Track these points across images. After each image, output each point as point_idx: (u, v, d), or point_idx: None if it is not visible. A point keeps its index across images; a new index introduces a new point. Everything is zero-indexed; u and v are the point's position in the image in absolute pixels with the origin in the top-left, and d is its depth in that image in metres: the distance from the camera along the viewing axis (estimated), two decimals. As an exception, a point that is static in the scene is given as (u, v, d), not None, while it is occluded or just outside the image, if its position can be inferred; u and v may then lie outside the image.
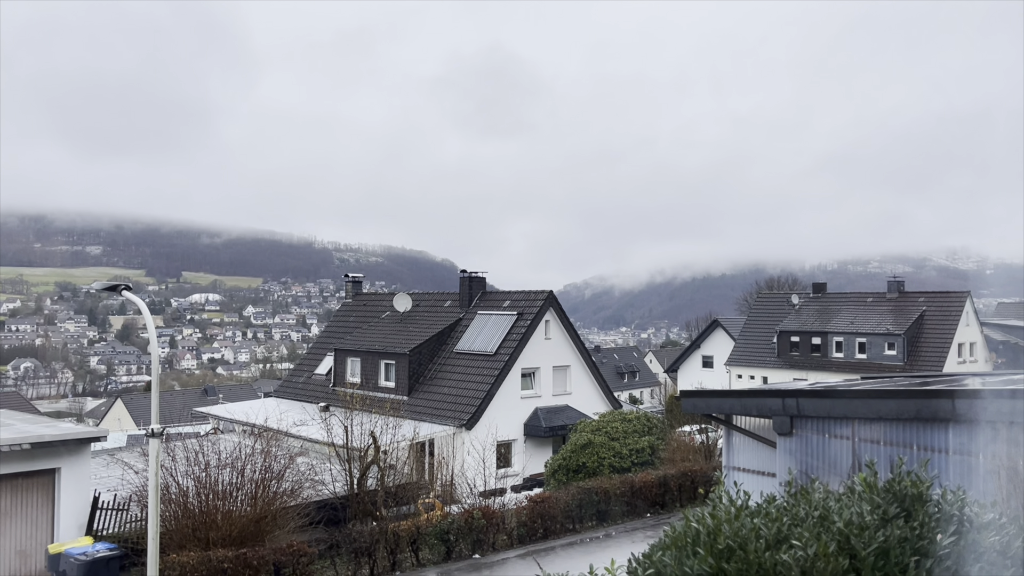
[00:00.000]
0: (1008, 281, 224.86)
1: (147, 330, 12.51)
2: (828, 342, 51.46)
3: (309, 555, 16.46)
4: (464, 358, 33.02)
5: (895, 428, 10.17)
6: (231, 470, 17.03)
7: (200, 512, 16.49)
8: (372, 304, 41.23)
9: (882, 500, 6.06)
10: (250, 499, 17.02)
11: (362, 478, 21.02)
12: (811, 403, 11.45)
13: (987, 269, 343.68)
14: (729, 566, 5.75)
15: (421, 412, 30.92)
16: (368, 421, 22.17)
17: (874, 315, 51.06)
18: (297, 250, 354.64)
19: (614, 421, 27.58)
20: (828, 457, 11.14)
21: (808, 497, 6.65)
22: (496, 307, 34.59)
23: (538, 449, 31.84)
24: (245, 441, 18.22)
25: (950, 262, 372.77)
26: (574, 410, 32.99)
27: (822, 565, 5.37)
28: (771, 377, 51.89)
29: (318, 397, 35.60)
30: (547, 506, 20.80)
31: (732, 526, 6.14)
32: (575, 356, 34.50)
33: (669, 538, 6.69)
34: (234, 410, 35.91)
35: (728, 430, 14.10)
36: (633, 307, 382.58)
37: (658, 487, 23.40)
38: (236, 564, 15.24)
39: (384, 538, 17.97)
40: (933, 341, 48.12)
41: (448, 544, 18.90)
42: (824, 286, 59.28)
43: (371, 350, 34.78)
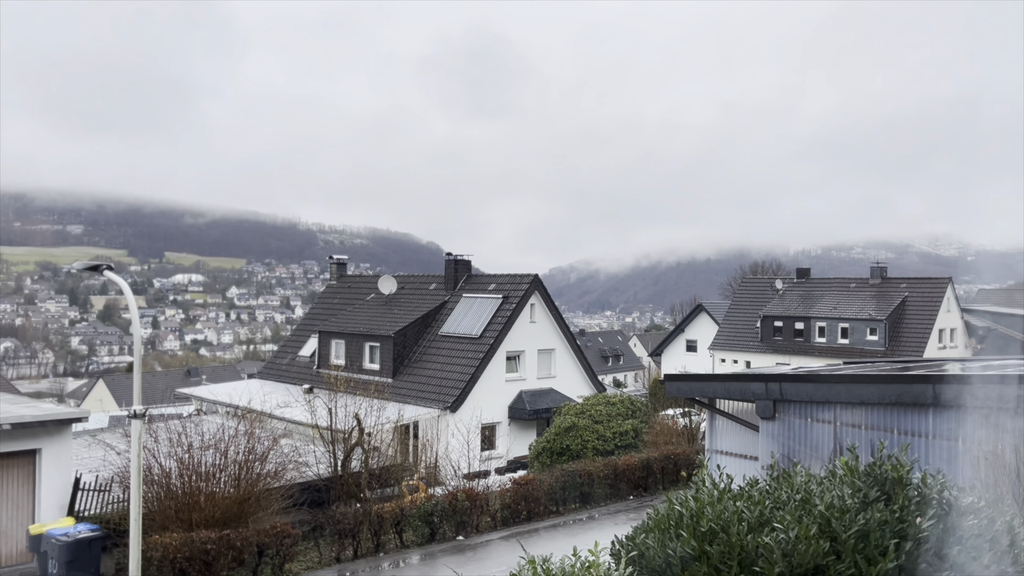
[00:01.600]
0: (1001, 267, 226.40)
1: (129, 311, 12.39)
2: (811, 327, 51.83)
3: (293, 536, 16.47)
4: (449, 341, 33.01)
5: (876, 413, 10.27)
6: (214, 451, 16.98)
7: (183, 493, 16.44)
8: (357, 286, 41.08)
9: (863, 484, 6.12)
10: (233, 480, 16.98)
11: (346, 460, 21.01)
12: (794, 388, 11.53)
13: (968, 256, 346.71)
14: (712, 548, 5.79)
15: (406, 395, 30.92)
16: (352, 403, 22.14)
17: (857, 300, 51.45)
18: (281, 231, 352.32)
19: (598, 404, 27.70)
20: (810, 441, 11.24)
21: (790, 481, 6.70)
22: (481, 290, 34.56)
23: (522, 432, 31.95)
24: (228, 423, 18.16)
25: (932, 248, 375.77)
26: (558, 393, 33.11)
27: (803, 548, 5.42)
28: (754, 361, 52.24)
29: (302, 379, 35.50)
30: (531, 488, 20.89)
31: (715, 509, 6.19)
32: (560, 340, 34.57)
33: (652, 521, 6.73)
34: (217, 391, 35.77)
35: (711, 414, 14.19)
36: (618, 291, 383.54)
37: (641, 470, 23.55)
38: (219, 545, 15.22)
39: (368, 520, 18.00)
40: (914, 327, 48.58)
41: (432, 526, 18.97)
42: (808, 271, 59.62)
43: (356, 332, 34.69)
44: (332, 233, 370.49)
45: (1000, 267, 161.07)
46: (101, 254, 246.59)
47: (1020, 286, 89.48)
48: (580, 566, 5.60)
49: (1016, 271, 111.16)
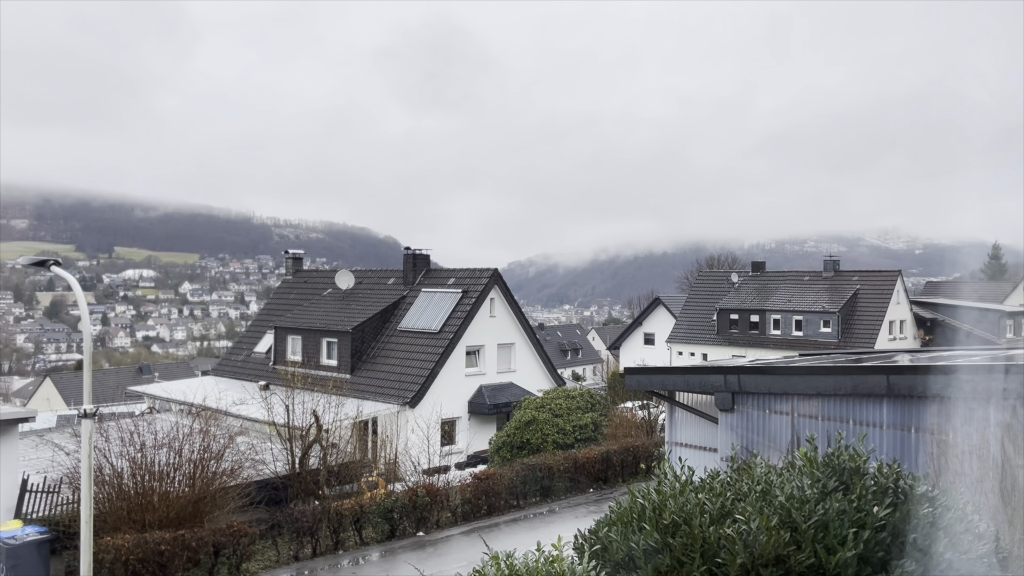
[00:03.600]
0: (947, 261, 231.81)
1: (78, 307, 12.05)
2: (766, 320, 52.65)
3: (250, 535, 16.21)
4: (408, 336, 32.80)
5: (833, 403, 10.44)
6: (168, 450, 16.62)
7: (136, 494, 16.06)
8: (313, 281, 40.59)
9: (821, 474, 6.20)
10: (188, 480, 16.65)
11: (304, 457, 20.76)
12: (752, 379, 11.67)
13: (917, 249, 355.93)
14: (674, 541, 5.81)
15: (364, 390, 30.66)
16: (310, 400, 21.87)
17: (810, 293, 52.39)
18: (235, 225, 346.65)
19: (558, 398, 27.78)
20: (768, 432, 11.39)
21: (751, 472, 6.76)
22: (441, 285, 34.41)
23: (482, 426, 31.92)
24: (183, 421, 17.79)
25: (882, 242, 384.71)
26: (518, 387, 33.13)
27: (764, 538, 5.46)
28: (711, 354, 52.91)
29: (258, 376, 34.99)
30: (491, 483, 20.87)
31: (677, 501, 6.21)
32: (519, 334, 34.59)
33: (615, 514, 6.73)
34: (171, 389, 35.07)
35: (671, 406, 14.30)
36: (576, 285, 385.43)
37: (601, 463, 23.68)
38: (174, 546, 14.91)
39: (327, 517, 17.81)
40: (866, 319, 49.65)
41: (392, 522, 18.84)
42: (763, 265, 60.53)
43: (312, 328, 34.28)
44: (287, 227, 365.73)
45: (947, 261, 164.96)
46: (47, 249, 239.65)
47: (966, 279, 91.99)
48: (544, 561, 5.57)
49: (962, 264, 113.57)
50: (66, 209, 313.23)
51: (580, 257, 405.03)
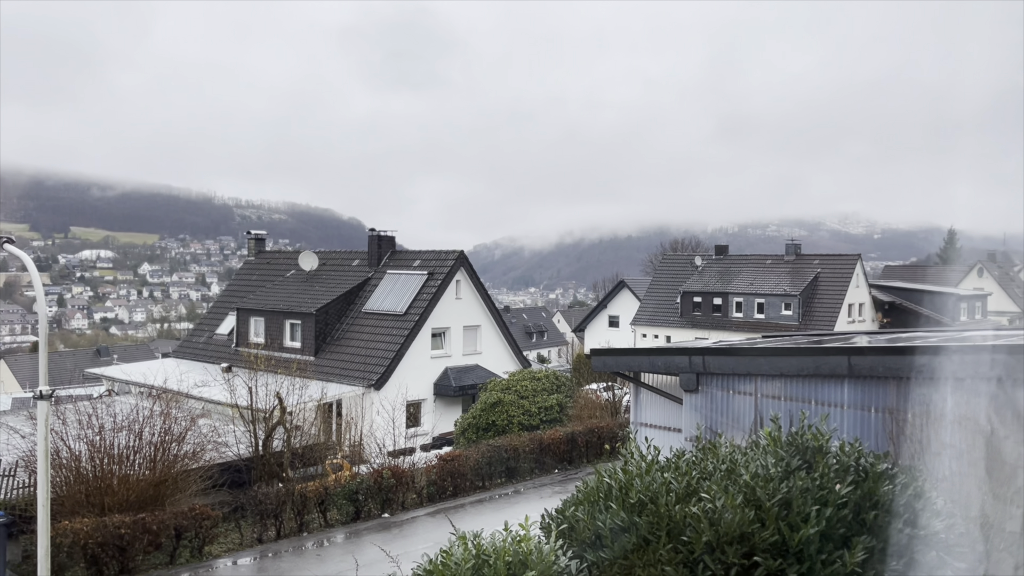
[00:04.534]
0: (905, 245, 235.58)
1: (33, 287, 11.74)
2: (729, 302, 53.28)
3: (212, 518, 16.04)
4: (373, 318, 32.60)
5: (795, 384, 10.60)
6: (128, 433, 16.35)
7: (94, 477, 15.79)
8: (276, 262, 40.10)
9: (785, 453, 6.28)
10: (149, 462, 16.41)
11: (267, 439, 20.57)
12: (717, 361, 11.80)
13: (875, 234, 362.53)
14: (641, 519, 5.85)
15: (329, 373, 30.44)
16: (273, 382, 21.65)
17: (772, 277, 53.10)
18: (196, 206, 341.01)
19: (523, 380, 27.85)
20: (732, 413, 11.53)
21: (716, 452, 6.83)
22: (406, 267, 34.21)
23: (448, 408, 31.91)
24: (143, 403, 17.49)
25: (842, 226, 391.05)
26: (484, 369, 33.15)
27: (730, 516, 5.52)
28: (674, 336, 53.44)
29: (220, 358, 34.55)
30: (457, 464, 20.89)
31: (643, 481, 6.26)
32: (485, 316, 34.56)
33: (582, 493, 6.77)
34: (130, 371, 34.47)
35: (636, 387, 14.41)
36: (542, 268, 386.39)
37: (566, 444, 23.82)
38: (134, 529, 14.70)
39: (291, 499, 17.69)
40: (826, 302, 50.49)
41: (357, 504, 18.77)
42: (726, 248, 61.15)
43: (276, 309, 33.90)
44: (249, 208, 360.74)
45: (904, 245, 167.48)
46: (0, 228, 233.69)
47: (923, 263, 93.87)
48: (511, 540, 5.58)
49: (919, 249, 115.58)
50: (19, 188, 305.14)
51: (546, 240, 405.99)
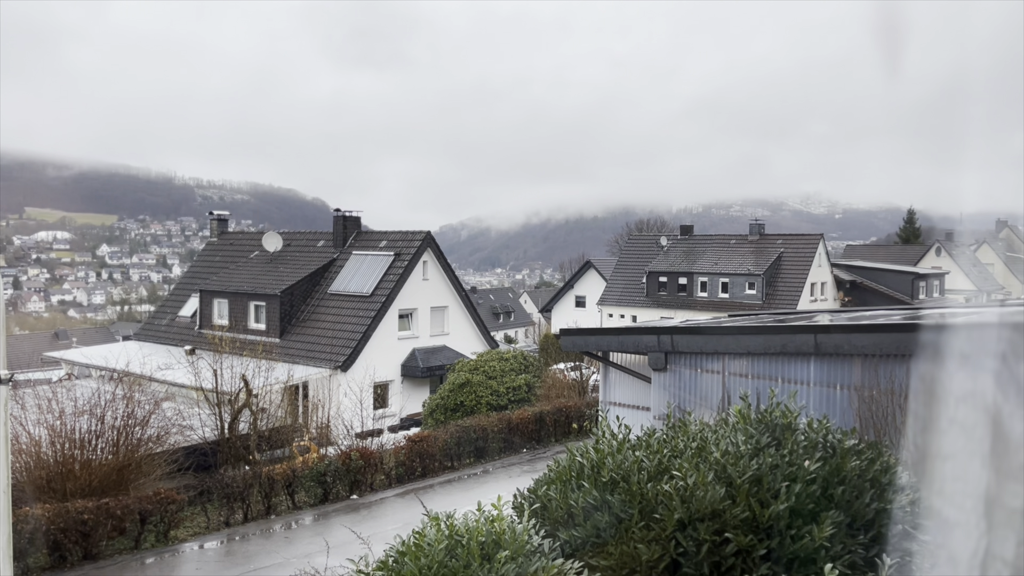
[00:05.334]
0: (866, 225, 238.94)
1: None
2: (694, 282, 53.75)
3: (178, 502, 15.86)
4: (339, 299, 32.33)
5: (762, 362, 10.72)
6: (89, 417, 16.06)
7: (55, 462, 15.50)
8: (240, 243, 39.51)
9: (755, 430, 6.34)
10: (112, 447, 16.15)
11: (233, 422, 20.36)
12: (685, 339, 11.89)
13: (837, 214, 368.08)
14: (613, 497, 5.87)
15: (295, 354, 30.17)
16: (239, 364, 21.40)
17: (736, 256, 53.65)
18: (156, 186, 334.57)
19: (491, 360, 27.87)
20: (700, 391, 11.65)
21: (686, 429, 6.88)
22: (372, 248, 33.93)
23: (416, 389, 31.85)
24: (105, 387, 17.18)
25: (804, 206, 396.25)
26: (452, 350, 33.10)
27: (701, 493, 5.56)
28: (640, 316, 53.83)
29: (183, 340, 34.04)
30: (425, 445, 20.88)
31: (615, 459, 6.27)
32: (453, 297, 34.47)
33: (554, 472, 6.77)
34: (91, 354, 33.84)
35: (605, 366, 14.48)
36: (509, 248, 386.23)
37: (534, 423, 23.92)
38: (98, 515, 14.48)
39: (258, 482, 17.55)
40: (789, 281, 51.17)
41: (325, 486, 18.69)
42: (691, 228, 61.61)
43: (240, 291, 33.45)
44: (211, 188, 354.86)
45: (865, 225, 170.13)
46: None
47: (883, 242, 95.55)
48: (484, 520, 5.56)
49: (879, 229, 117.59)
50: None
51: (512, 221, 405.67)
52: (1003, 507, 1.07)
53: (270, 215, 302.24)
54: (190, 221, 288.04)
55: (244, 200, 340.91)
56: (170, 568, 14.76)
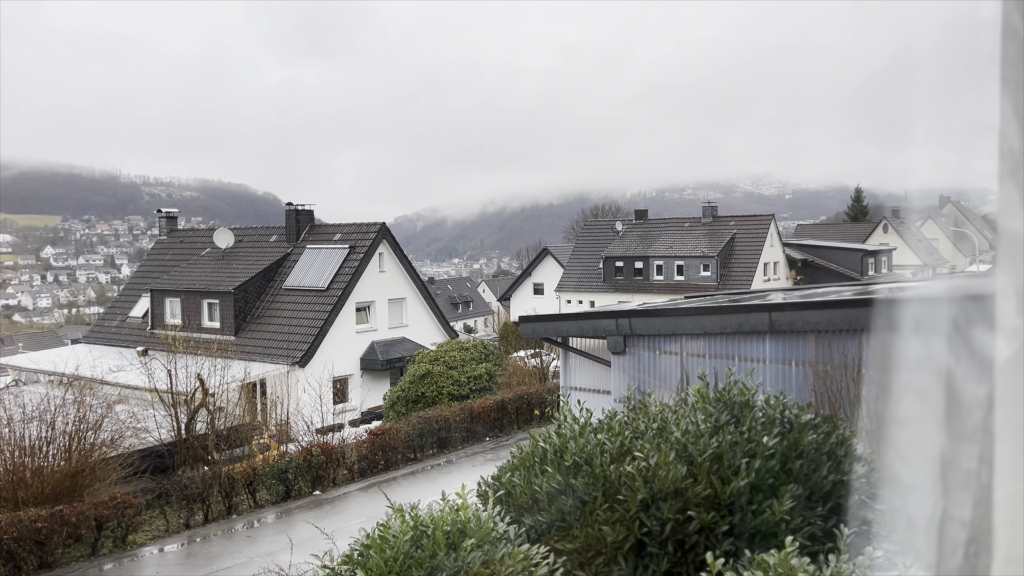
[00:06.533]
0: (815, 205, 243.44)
1: (-75, 274, 11.00)
2: (650, 266, 54.25)
3: (135, 506, 15.57)
4: (294, 294, 31.93)
5: (719, 342, 10.87)
6: (39, 423, 15.64)
7: (5, 470, 15.10)
8: (190, 241, 38.75)
9: (714, 409, 6.42)
10: (64, 453, 15.77)
11: (190, 423, 20.02)
12: (643, 322, 11.99)
13: (787, 194, 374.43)
14: (577, 481, 5.90)
15: (251, 352, 29.73)
16: (193, 363, 21.03)
17: (690, 239, 54.27)
18: (100, 185, 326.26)
19: (451, 350, 27.81)
20: (659, 372, 11.76)
21: (647, 411, 6.94)
22: (326, 241, 33.55)
23: (376, 382, 31.65)
24: (54, 392, 16.75)
25: (755, 188, 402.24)
26: (411, 342, 32.94)
27: (663, 473, 5.62)
28: (598, 301, 54.16)
29: (135, 341, 33.31)
30: (387, 438, 20.79)
31: (578, 443, 6.30)
32: (410, 288, 34.28)
33: (517, 459, 6.78)
34: (38, 359, 32.92)
35: (565, 352, 14.54)
36: (465, 238, 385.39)
37: (496, 412, 23.97)
38: (52, 523, 14.13)
39: (218, 482, 17.30)
40: (742, 261, 51.94)
41: (287, 483, 18.50)
42: (645, 213, 62.10)
43: (192, 289, 32.83)
44: (159, 186, 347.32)
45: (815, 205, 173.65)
46: None
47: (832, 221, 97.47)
48: (449, 509, 5.55)
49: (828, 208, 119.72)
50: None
51: (468, 210, 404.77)
52: (958, 469, 1.08)
53: (220, 211, 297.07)
54: (138, 220, 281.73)
55: (193, 197, 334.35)
56: (129, 573, 14.49)
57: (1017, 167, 1.00)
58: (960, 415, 1.02)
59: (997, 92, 1.00)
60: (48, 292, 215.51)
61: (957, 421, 1.02)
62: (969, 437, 1.03)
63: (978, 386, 1.04)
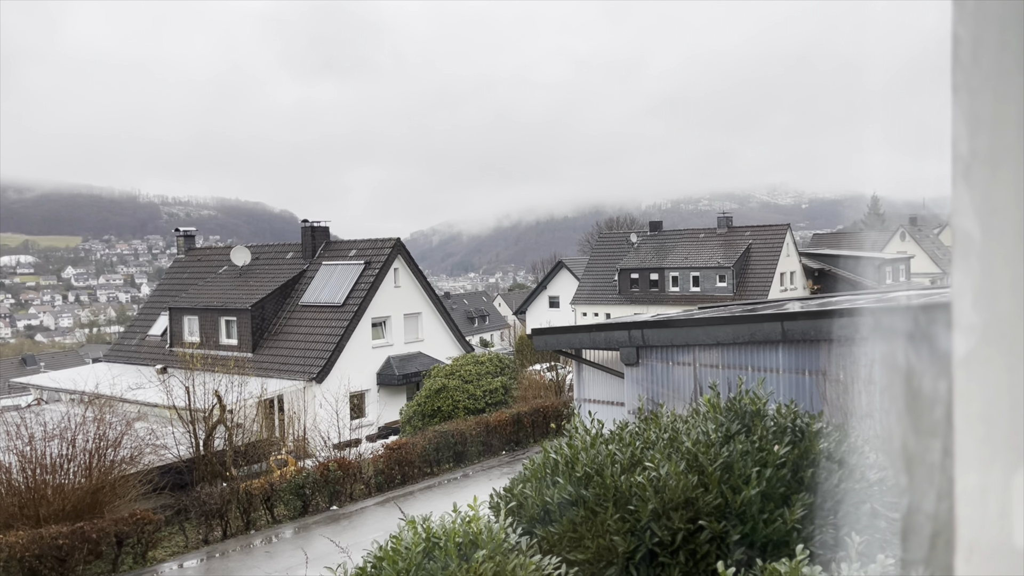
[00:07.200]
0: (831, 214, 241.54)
1: (-53, 295, 11.20)
2: (665, 277, 54.12)
3: (155, 523, 15.68)
4: (311, 310, 32.13)
5: (732, 352, 10.85)
6: (60, 441, 15.82)
7: (27, 488, 15.26)
8: (208, 259, 39.12)
9: (725, 418, 6.42)
10: (84, 470, 15.92)
11: (208, 439, 20.16)
12: (655, 333, 11.99)
13: (803, 204, 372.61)
14: (588, 492, 5.92)
15: (268, 368, 29.92)
16: (211, 380, 21.19)
17: (706, 250, 54.10)
18: (120, 205, 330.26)
19: (467, 364, 27.85)
20: (672, 383, 11.74)
21: (658, 421, 6.95)
22: (342, 257, 33.76)
23: (392, 397, 31.73)
24: (75, 410, 16.94)
25: (771, 198, 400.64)
26: (427, 356, 33.03)
27: (674, 483, 5.63)
28: (614, 313, 54.06)
29: (154, 359, 33.62)
30: (404, 452, 20.82)
31: (589, 454, 6.32)
32: (426, 303, 34.40)
33: (529, 470, 6.81)
34: (60, 378, 33.31)
35: (578, 364, 14.55)
36: (480, 252, 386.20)
37: (512, 425, 23.96)
38: (73, 539, 14.27)
39: (236, 498, 17.39)
40: (758, 272, 51.70)
41: (304, 499, 18.57)
42: (660, 224, 62.00)
43: (210, 307, 33.11)
44: (176, 205, 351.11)
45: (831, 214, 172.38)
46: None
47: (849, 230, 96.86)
48: (461, 521, 5.58)
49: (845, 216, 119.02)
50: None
51: (483, 224, 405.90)
52: (921, 462, 1.12)
53: (238, 229, 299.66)
54: (157, 239, 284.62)
55: (211, 215, 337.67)
56: (149, 589, 14.58)
57: (967, 170, 1.04)
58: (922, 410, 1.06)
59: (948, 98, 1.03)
60: (69, 312, 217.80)
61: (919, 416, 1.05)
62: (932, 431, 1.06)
63: (937, 381, 1.08)
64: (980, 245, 1.00)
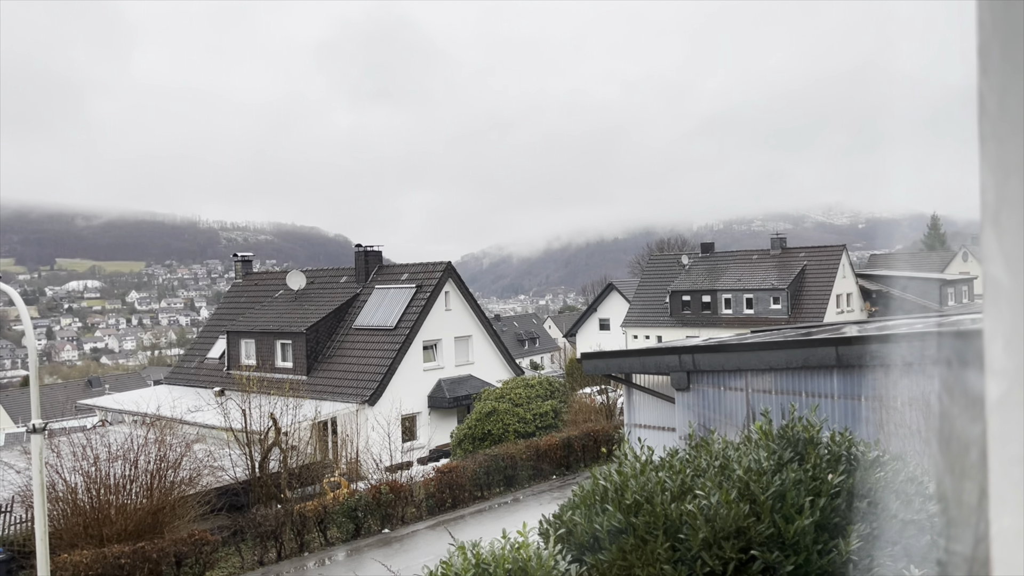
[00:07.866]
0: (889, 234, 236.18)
1: (21, 321, 11.68)
2: (717, 299, 53.44)
3: (212, 543, 15.98)
4: (363, 333, 32.55)
5: (785, 377, 10.67)
6: (123, 462, 16.28)
7: (91, 508, 15.71)
8: (264, 283, 40.00)
9: (777, 446, 6.33)
10: (145, 491, 16.34)
11: (264, 461, 20.51)
12: (706, 358, 11.86)
13: (860, 224, 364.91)
14: (637, 520, 5.88)
15: (322, 391, 30.36)
16: (267, 403, 21.60)
17: (759, 271, 53.32)
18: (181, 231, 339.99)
19: (517, 388, 27.86)
20: (724, 409, 11.59)
21: (709, 448, 6.87)
22: (394, 281, 34.19)
23: (443, 420, 31.88)
24: (137, 431, 17.43)
25: (826, 218, 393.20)
26: (477, 379, 33.13)
27: (725, 512, 5.56)
28: (665, 335, 53.53)
29: (212, 382, 34.39)
30: (455, 476, 20.87)
31: (638, 481, 6.29)
32: (476, 326, 34.57)
33: (578, 497, 6.79)
34: (123, 400, 34.28)
35: (628, 389, 14.45)
36: (531, 274, 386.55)
37: (562, 449, 23.84)
38: (134, 559, 14.63)
39: (290, 520, 17.64)
40: (814, 293, 50.72)
41: (356, 521, 18.73)
42: (712, 246, 61.35)
43: (266, 330, 33.80)
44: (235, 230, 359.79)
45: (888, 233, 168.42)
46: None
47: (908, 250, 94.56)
48: (510, 548, 5.60)
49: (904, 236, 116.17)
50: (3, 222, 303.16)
51: (533, 247, 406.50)
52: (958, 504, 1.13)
53: (294, 254, 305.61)
54: (216, 264, 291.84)
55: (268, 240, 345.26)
56: (206, 609, 14.83)
57: (995, 217, 1.06)
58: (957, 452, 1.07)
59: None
60: (133, 335, 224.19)
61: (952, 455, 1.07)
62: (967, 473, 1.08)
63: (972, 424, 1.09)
64: (1009, 291, 1.02)
